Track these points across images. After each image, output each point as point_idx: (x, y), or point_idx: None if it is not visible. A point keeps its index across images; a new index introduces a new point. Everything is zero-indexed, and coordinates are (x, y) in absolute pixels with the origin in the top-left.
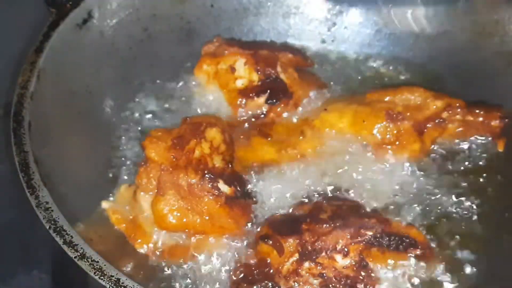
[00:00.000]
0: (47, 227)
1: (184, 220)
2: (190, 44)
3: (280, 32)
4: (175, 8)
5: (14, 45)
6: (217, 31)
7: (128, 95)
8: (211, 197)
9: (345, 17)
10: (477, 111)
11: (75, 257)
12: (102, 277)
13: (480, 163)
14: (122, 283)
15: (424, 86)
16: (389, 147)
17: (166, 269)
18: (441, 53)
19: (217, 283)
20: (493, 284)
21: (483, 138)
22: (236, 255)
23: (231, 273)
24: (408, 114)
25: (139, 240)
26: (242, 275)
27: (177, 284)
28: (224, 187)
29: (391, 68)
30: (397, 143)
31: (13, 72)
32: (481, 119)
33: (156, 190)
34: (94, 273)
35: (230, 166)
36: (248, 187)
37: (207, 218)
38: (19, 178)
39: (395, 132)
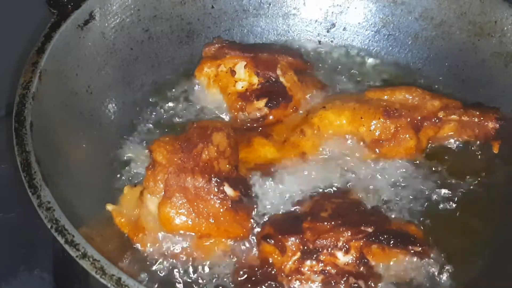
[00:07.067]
0: (49, 227)
1: (190, 222)
2: (191, 45)
3: (279, 33)
4: (176, 9)
5: (16, 46)
6: (217, 32)
7: (129, 96)
8: (217, 201)
9: (344, 18)
10: (473, 112)
11: (76, 256)
12: (103, 276)
13: (476, 164)
14: (123, 282)
15: (422, 87)
16: (386, 143)
17: (169, 270)
18: (439, 54)
19: (221, 285)
20: (493, 283)
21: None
22: (239, 256)
23: (234, 274)
24: (405, 112)
25: (143, 241)
26: (245, 276)
27: (180, 285)
28: (229, 191)
29: (389, 68)
30: (393, 140)
31: (15, 73)
32: (477, 120)
33: (163, 193)
34: (96, 272)
35: (235, 170)
36: (251, 189)
37: (212, 221)
38: (21, 178)
39: (392, 129)
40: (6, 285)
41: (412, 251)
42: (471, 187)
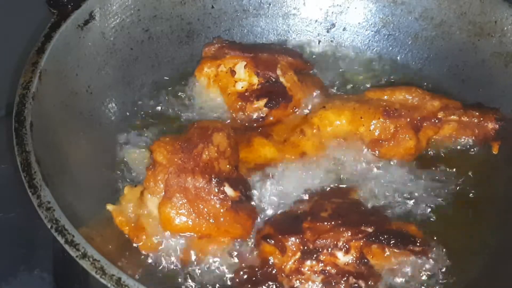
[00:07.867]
0: (49, 227)
1: (190, 223)
2: (191, 45)
3: (279, 33)
4: (176, 9)
5: (16, 46)
6: (217, 32)
7: (129, 96)
8: (217, 201)
9: (344, 18)
10: (473, 112)
11: (76, 256)
12: (103, 276)
13: (476, 164)
14: (123, 282)
15: (422, 87)
16: (385, 143)
17: (169, 270)
18: (439, 54)
19: (221, 285)
20: (493, 283)
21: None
22: (239, 256)
23: (235, 274)
24: (405, 112)
25: (143, 242)
26: (245, 276)
27: (179, 286)
28: (230, 191)
29: (389, 68)
30: (393, 140)
31: (15, 73)
32: (476, 120)
33: (163, 193)
34: (96, 272)
35: (235, 170)
36: (251, 190)
37: (212, 221)
38: (21, 178)
39: (391, 128)
40: (6, 285)
41: (412, 251)
42: (471, 187)
